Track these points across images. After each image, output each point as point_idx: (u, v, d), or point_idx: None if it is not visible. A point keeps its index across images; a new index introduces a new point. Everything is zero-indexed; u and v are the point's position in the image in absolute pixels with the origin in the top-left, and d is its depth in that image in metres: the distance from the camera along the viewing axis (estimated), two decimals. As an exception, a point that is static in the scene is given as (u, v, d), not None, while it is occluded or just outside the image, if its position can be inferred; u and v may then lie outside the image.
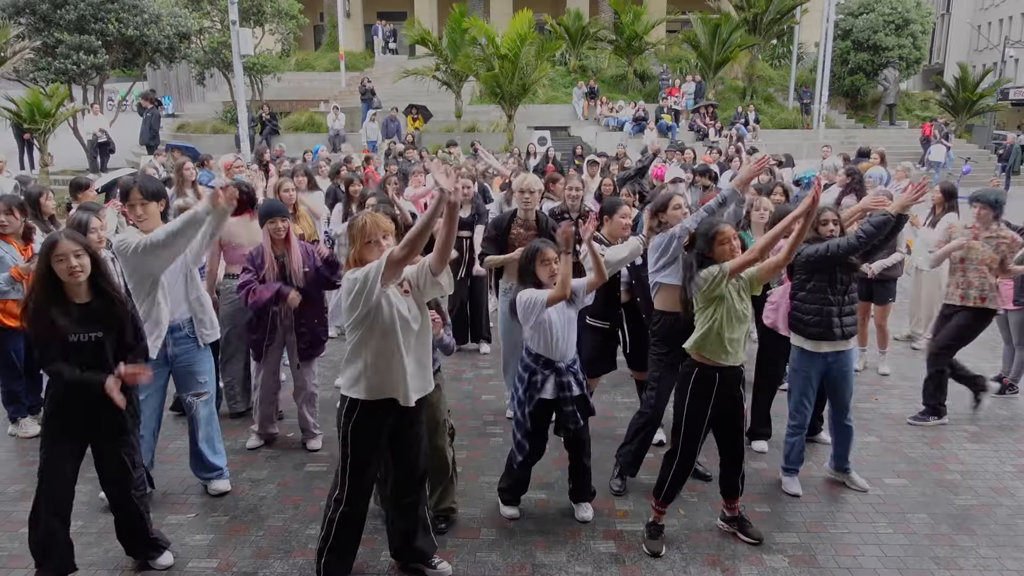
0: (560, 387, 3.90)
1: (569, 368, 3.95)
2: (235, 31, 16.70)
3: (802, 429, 4.48)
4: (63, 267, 3.11)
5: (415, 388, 3.31)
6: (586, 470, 4.13)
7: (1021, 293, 5.83)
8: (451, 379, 6.38)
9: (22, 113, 15.91)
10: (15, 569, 3.66)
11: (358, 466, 3.35)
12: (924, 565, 3.77)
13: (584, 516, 4.14)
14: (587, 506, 4.18)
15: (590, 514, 4.15)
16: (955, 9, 45.64)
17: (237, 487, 4.49)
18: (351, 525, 3.43)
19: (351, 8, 34.09)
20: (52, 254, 3.11)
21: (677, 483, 3.85)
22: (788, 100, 27.27)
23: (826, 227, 4.27)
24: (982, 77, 27.15)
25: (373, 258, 3.14)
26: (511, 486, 4.20)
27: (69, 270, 3.11)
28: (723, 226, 3.68)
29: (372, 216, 3.26)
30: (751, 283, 3.73)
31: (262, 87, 23.73)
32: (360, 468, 3.35)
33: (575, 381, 3.95)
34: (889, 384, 6.31)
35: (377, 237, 3.19)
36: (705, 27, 24.15)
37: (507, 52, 19.68)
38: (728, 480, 3.96)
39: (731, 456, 3.92)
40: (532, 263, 3.86)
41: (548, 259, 3.83)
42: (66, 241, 3.13)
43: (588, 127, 23.48)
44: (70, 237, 3.16)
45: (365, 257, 3.19)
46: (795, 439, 4.48)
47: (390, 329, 3.19)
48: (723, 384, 3.73)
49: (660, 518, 3.94)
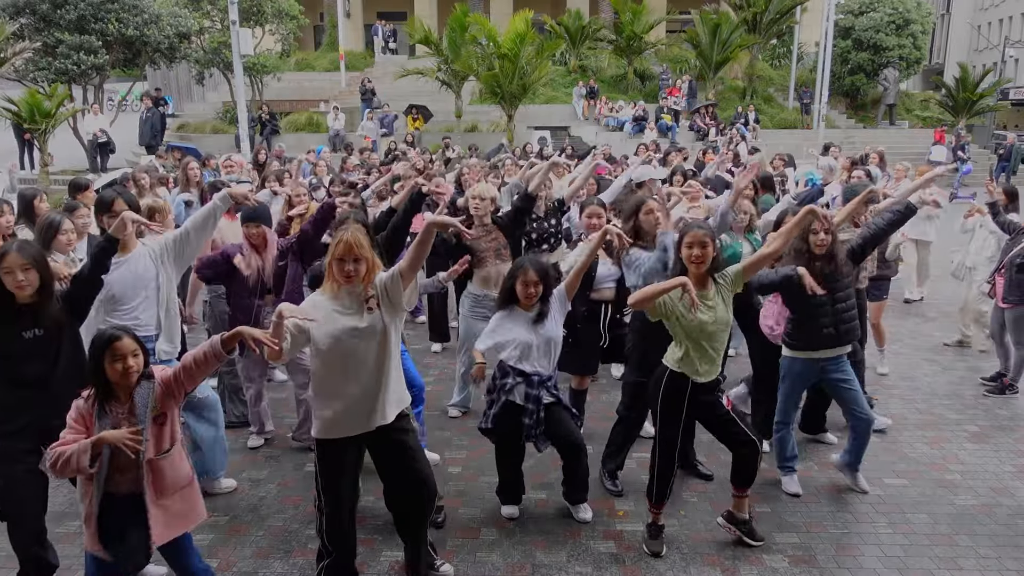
0: (527, 397, 3.88)
1: (542, 383, 3.92)
2: (235, 31, 16.69)
3: (786, 426, 4.46)
4: (10, 280, 3.16)
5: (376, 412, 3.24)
6: (576, 475, 4.10)
7: (1011, 291, 5.81)
8: (450, 379, 6.38)
9: (22, 113, 15.91)
10: (15, 569, 3.66)
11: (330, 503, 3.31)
12: (924, 565, 3.77)
13: (583, 517, 4.13)
14: (585, 507, 4.18)
15: (589, 515, 4.15)
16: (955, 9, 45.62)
17: (237, 487, 4.49)
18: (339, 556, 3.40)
19: (351, 8, 34.07)
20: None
21: (663, 484, 3.83)
22: (788, 100, 27.27)
23: (816, 236, 4.11)
24: (982, 77, 27.13)
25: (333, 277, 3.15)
26: (501, 487, 4.21)
27: (16, 284, 3.16)
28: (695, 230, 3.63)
29: (355, 236, 3.14)
30: (736, 279, 3.70)
31: (262, 87, 23.72)
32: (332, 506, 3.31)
33: (548, 393, 3.93)
34: (889, 384, 6.31)
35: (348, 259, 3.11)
36: (705, 27, 24.16)
37: (507, 52, 19.68)
38: (740, 466, 3.84)
39: (742, 448, 3.81)
40: (513, 279, 3.88)
41: (528, 281, 3.83)
42: (14, 254, 3.16)
43: (588, 127, 23.48)
44: (19, 250, 3.20)
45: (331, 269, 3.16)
46: (781, 434, 4.47)
47: (334, 357, 3.16)
48: (695, 393, 3.71)
49: (658, 518, 3.93)
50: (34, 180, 16.27)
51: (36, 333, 3.28)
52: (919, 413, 5.71)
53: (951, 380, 6.41)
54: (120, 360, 2.82)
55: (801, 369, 4.35)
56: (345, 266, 3.10)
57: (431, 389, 6.20)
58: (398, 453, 3.35)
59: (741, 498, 3.91)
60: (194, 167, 7.26)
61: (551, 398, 3.95)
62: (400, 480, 3.40)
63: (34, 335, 3.28)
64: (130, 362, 2.84)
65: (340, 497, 3.29)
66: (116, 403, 2.88)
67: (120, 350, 2.83)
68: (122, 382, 2.86)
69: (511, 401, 3.88)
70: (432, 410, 5.75)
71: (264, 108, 21.03)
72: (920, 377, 6.46)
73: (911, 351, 7.19)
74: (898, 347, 7.30)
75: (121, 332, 2.89)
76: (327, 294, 3.20)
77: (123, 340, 2.84)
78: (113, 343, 2.83)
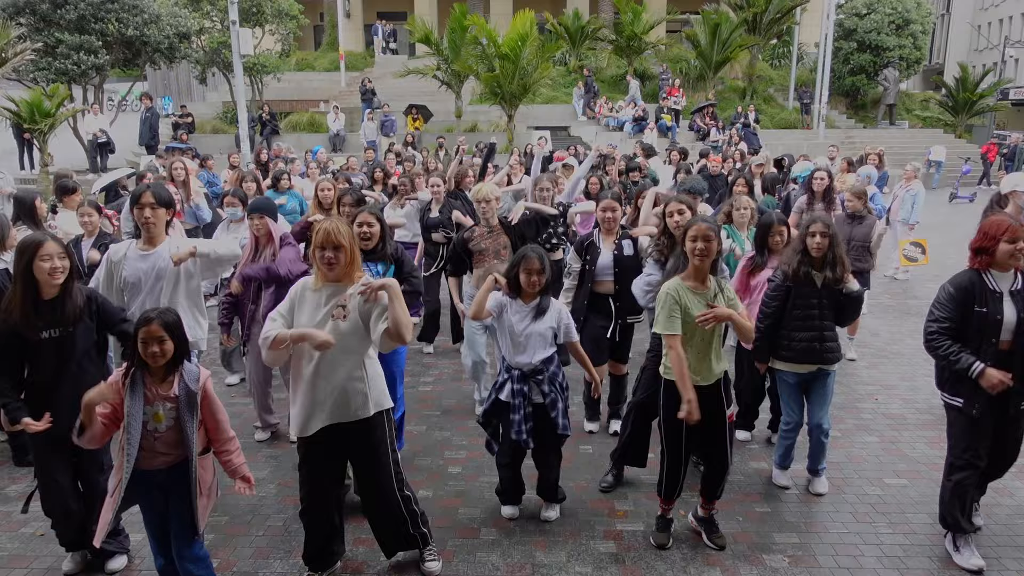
0: (514, 393, 3.86)
1: (529, 376, 3.88)
2: (235, 31, 16.68)
3: (793, 432, 4.46)
4: (47, 266, 3.23)
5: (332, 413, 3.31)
6: (548, 480, 4.12)
7: None
8: (450, 379, 6.39)
9: (22, 113, 15.91)
10: (15, 569, 3.66)
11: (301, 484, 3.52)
12: (924, 565, 3.77)
13: (547, 516, 4.14)
14: (555, 506, 4.20)
15: (554, 514, 4.16)
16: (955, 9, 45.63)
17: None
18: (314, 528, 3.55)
19: (351, 8, 34.08)
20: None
21: (671, 482, 3.84)
22: (788, 100, 27.27)
23: (813, 239, 4.09)
24: (982, 77, 27.15)
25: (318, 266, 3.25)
26: (501, 487, 4.20)
27: (51, 270, 3.24)
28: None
29: (335, 224, 3.25)
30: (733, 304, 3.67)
31: (262, 87, 23.73)
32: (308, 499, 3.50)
33: (539, 391, 3.89)
34: (889, 384, 6.32)
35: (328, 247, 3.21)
36: (705, 27, 24.16)
37: (507, 52, 19.68)
38: (708, 481, 3.90)
39: (713, 462, 3.86)
40: (516, 267, 3.87)
41: (530, 269, 3.81)
42: (51, 242, 3.29)
43: (588, 127, 23.49)
44: (54, 239, 3.34)
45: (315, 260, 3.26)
46: (788, 442, 4.49)
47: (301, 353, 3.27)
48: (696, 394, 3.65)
49: (667, 512, 3.94)
50: (34, 180, 16.27)
51: (52, 334, 3.34)
52: (919, 413, 5.71)
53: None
54: (146, 344, 2.95)
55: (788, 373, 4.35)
56: (325, 253, 3.20)
57: (430, 389, 6.21)
58: (363, 455, 3.46)
59: (707, 507, 3.96)
60: (179, 167, 7.31)
61: (541, 398, 3.89)
62: (361, 483, 3.61)
63: (50, 335, 3.33)
64: (154, 348, 2.95)
65: (311, 480, 3.46)
66: (151, 380, 3.01)
67: (147, 334, 2.95)
68: (151, 363, 2.98)
69: (499, 399, 3.92)
70: (433, 410, 5.76)
71: (264, 108, 21.04)
72: (920, 377, 6.45)
73: (911, 351, 7.18)
74: (898, 347, 7.30)
75: (154, 317, 2.98)
76: (313, 286, 3.32)
77: (151, 326, 2.96)
78: (144, 326, 2.96)
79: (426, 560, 3.65)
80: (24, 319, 3.26)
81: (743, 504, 4.34)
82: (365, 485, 3.57)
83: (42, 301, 3.30)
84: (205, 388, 3.09)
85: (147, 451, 3.00)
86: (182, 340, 3.04)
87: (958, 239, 7.52)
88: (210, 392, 3.11)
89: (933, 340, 3.66)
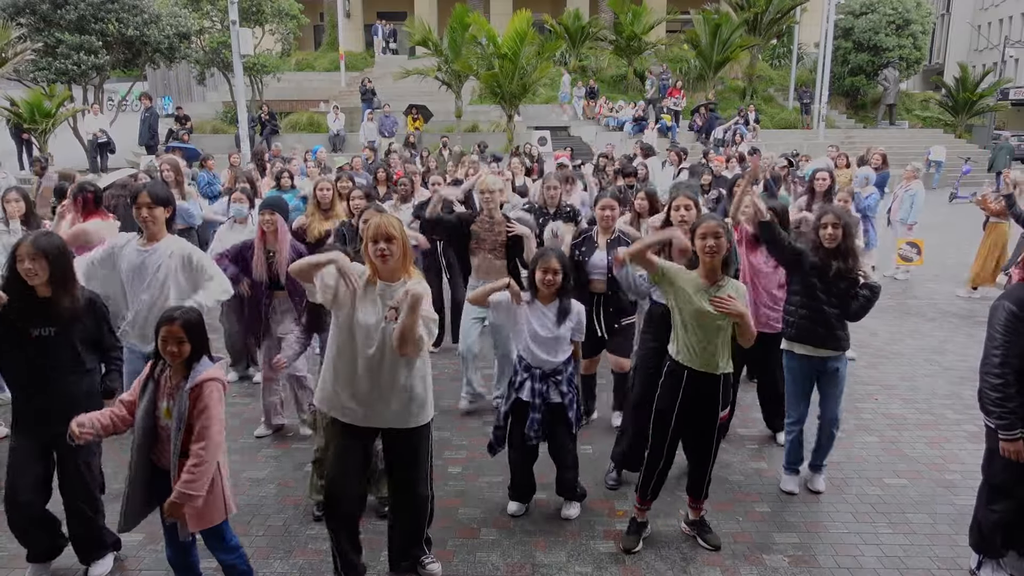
0: (534, 393, 3.90)
1: (549, 376, 3.92)
2: (235, 31, 16.70)
3: (796, 425, 4.44)
4: (21, 268, 3.24)
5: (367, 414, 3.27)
6: (566, 479, 4.11)
7: None
8: (451, 379, 6.38)
9: (22, 113, 15.92)
10: (15, 569, 3.67)
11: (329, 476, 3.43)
12: (924, 565, 3.77)
13: (568, 514, 4.14)
14: (575, 504, 4.20)
15: (575, 511, 4.16)
16: (955, 9, 45.63)
17: (237, 487, 4.48)
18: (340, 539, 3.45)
19: (351, 8, 34.09)
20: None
21: (649, 478, 3.82)
22: (788, 100, 27.28)
23: (825, 231, 4.07)
24: (982, 77, 27.16)
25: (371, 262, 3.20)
26: (511, 485, 4.21)
27: (24, 271, 3.24)
28: None
29: (385, 216, 3.22)
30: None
31: (262, 87, 23.73)
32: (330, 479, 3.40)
33: (557, 391, 3.93)
34: (889, 384, 6.32)
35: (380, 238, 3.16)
36: (706, 27, 24.16)
37: (507, 52, 19.68)
38: (691, 479, 3.89)
39: (697, 456, 3.84)
40: (535, 265, 3.93)
41: (547, 268, 3.85)
42: (26, 243, 3.28)
43: (588, 127, 23.49)
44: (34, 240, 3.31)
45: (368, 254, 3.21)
46: (793, 436, 4.46)
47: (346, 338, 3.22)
48: (691, 385, 3.65)
49: (640, 515, 3.92)
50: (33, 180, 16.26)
51: (43, 332, 3.33)
52: (919, 413, 5.71)
53: (951, 380, 6.41)
54: (165, 342, 2.97)
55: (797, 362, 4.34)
56: (378, 246, 3.13)
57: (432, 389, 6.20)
58: (402, 458, 3.43)
59: (696, 509, 3.95)
60: (166, 166, 7.34)
61: (560, 397, 3.94)
62: (396, 485, 3.52)
63: (40, 334, 3.32)
64: (172, 347, 2.96)
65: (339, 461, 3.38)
66: (171, 374, 3.03)
67: (168, 333, 2.96)
68: (169, 360, 2.99)
69: (519, 399, 3.93)
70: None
71: (264, 108, 21.04)
72: (920, 377, 6.46)
73: (911, 351, 7.19)
74: (898, 347, 7.30)
75: (177, 316, 2.98)
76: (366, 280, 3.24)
77: (173, 326, 2.96)
78: (166, 324, 2.97)
79: (426, 564, 3.64)
80: (18, 315, 3.28)
81: (743, 504, 4.34)
82: (400, 483, 3.49)
83: (36, 299, 3.30)
84: (201, 387, 2.97)
85: (163, 447, 3.02)
86: (202, 340, 3.03)
87: (958, 239, 7.52)
88: (205, 395, 2.96)
89: (999, 391, 3.18)
